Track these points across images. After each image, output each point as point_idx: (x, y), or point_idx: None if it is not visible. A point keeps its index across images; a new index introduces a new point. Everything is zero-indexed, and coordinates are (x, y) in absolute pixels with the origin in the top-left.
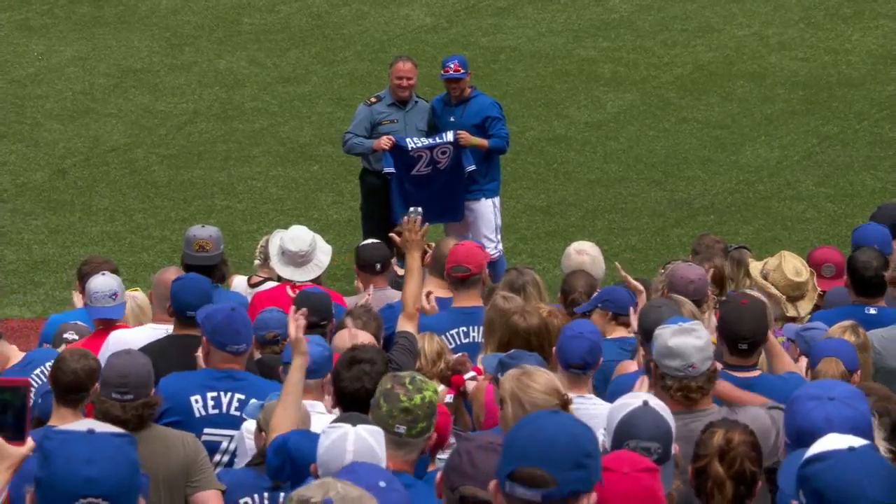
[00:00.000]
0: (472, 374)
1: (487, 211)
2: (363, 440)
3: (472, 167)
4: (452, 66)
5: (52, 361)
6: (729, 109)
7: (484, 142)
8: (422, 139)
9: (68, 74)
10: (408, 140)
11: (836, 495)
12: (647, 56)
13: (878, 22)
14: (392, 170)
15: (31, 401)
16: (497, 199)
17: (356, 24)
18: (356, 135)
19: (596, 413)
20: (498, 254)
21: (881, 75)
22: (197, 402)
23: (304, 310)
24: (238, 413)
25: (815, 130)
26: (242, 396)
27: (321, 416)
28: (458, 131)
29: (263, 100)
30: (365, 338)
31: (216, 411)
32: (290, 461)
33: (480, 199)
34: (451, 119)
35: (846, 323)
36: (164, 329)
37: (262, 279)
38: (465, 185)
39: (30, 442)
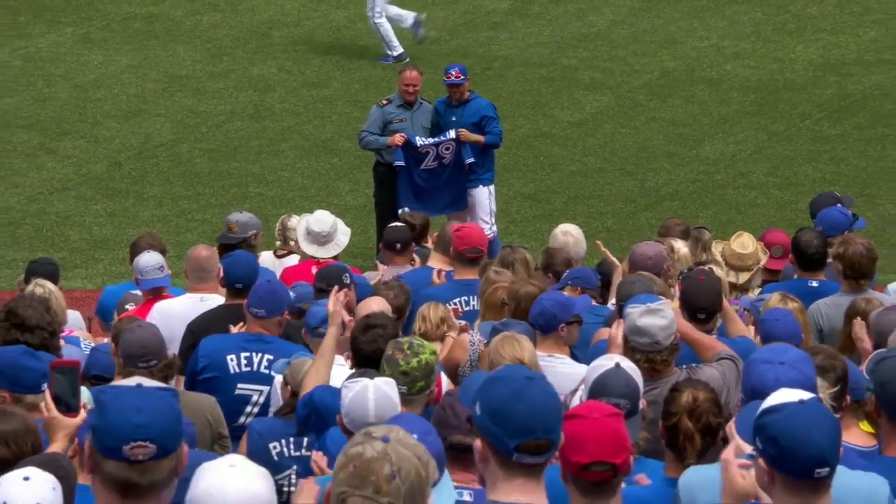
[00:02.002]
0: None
1: (483, 197)
2: (381, 390)
3: (471, 160)
4: (454, 73)
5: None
6: (690, 110)
7: (480, 138)
8: (428, 138)
9: (123, 80)
10: (417, 138)
11: (788, 440)
12: (621, 64)
13: (818, 35)
14: (402, 163)
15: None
16: (492, 187)
17: (370, 36)
18: (371, 133)
19: (562, 371)
20: (492, 234)
21: (821, 81)
22: (232, 360)
23: (346, 290)
24: (267, 371)
25: (765, 128)
26: (271, 357)
27: (340, 367)
28: (459, 129)
29: (290, 102)
30: (378, 305)
31: (248, 369)
32: (315, 413)
33: (478, 186)
34: (453, 118)
35: (777, 294)
36: (198, 297)
37: (286, 252)
38: (466, 177)
39: (82, 413)
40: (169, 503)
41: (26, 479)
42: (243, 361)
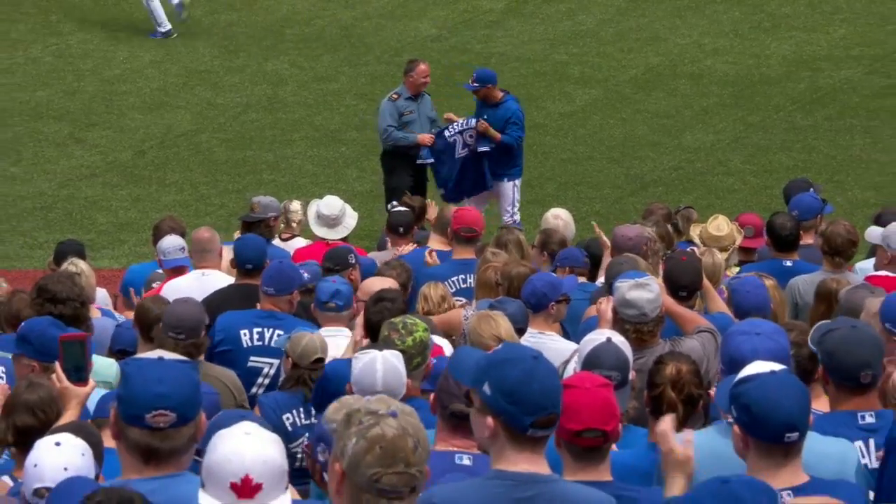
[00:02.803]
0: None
1: (508, 190)
2: (390, 362)
3: (486, 148)
4: (471, 79)
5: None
6: (673, 102)
7: (497, 134)
8: (452, 125)
9: (147, 75)
10: (445, 131)
11: (760, 408)
12: (608, 60)
13: (791, 33)
14: (428, 161)
15: (90, 351)
16: (518, 181)
17: (376, 34)
18: (395, 128)
19: (553, 347)
20: (513, 221)
21: (794, 76)
22: (245, 335)
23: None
24: (276, 345)
25: (742, 119)
26: (281, 332)
27: (346, 338)
28: (480, 119)
29: (301, 95)
30: (385, 283)
31: (260, 343)
32: (326, 382)
33: (504, 181)
34: (485, 117)
35: (754, 273)
36: (199, 272)
37: (290, 235)
38: (485, 161)
39: (91, 382)
40: (188, 467)
41: (58, 444)
42: (255, 336)
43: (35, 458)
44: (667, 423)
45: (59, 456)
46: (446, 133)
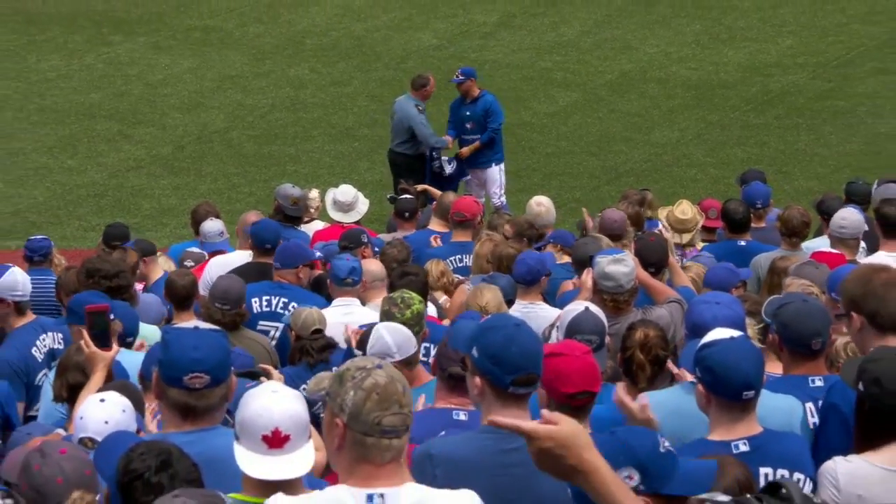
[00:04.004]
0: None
1: (495, 174)
2: (392, 326)
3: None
4: (456, 74)
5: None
6: (643, 103)
7: (476, 144)
8: (445, 164)
9: (185, 80)
10: (448, 163)
11: (722, 370)
12: (587, 66)
13: (745, 44)
14: (448, 167)
15: (112, 319)
16: (502, 165)
17: (384, 44)
18: (433, 134)
19: (542, 315)
20: (502, 203)
21: (748, 80)
22: (255, 302)
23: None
24: (282, 311)
25: (703, 118)
26: (286, 300)
27: (358, 308)
28: (458, 152)
29: (320, 97)
30: (377, 266)
31: (268, 309)
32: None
33: (491, 165)
34: (467, 113)
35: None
36: (247, 254)
37: (310, 219)
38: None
39: (115, 348)
40: (220, 422)
41: (102, 400)
42: (264, 303)
43: (81, 412)
44: (620, 390)
45: (101, 410)
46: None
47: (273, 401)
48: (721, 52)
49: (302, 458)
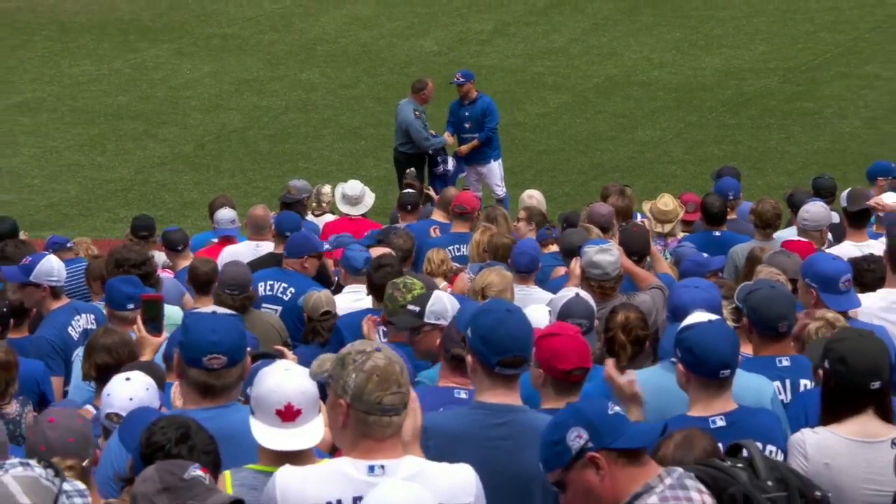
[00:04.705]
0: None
1: (495, 168)
2: (453, 299)
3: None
4: (456, 76)
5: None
6: (628, 105)
7: (474, 143)
8: (447, 163)
9: (205, 83)
10: (449, 159)
11: (701, 350)
12: (576, 71)
13: (721, 50)
14: (449, 167)
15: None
16: (500, 160)
17: (389, 50)
18: (429, 137)
19: (536, 297)
20: (504, 194)
21: (723, 84)
22: (262, 286)
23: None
24: (281, 296)
25: (682, 119)
26: (286, 285)
27: (366, 295)
28: (458, 149)
29: (329, 99)
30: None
31: (270, 293)
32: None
33: (490, 161)
34: (466, 114)
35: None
36: (254, 244)
37: (321, 212)
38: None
39: (164, 335)
40: (236, 399)
41: (128, 379)
42: (268, 288)
43: (108, 389)
44: (610, 367)
45: (127, 388)
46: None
47: (286, 378)
48: (699, 57)
49: (312, 431)
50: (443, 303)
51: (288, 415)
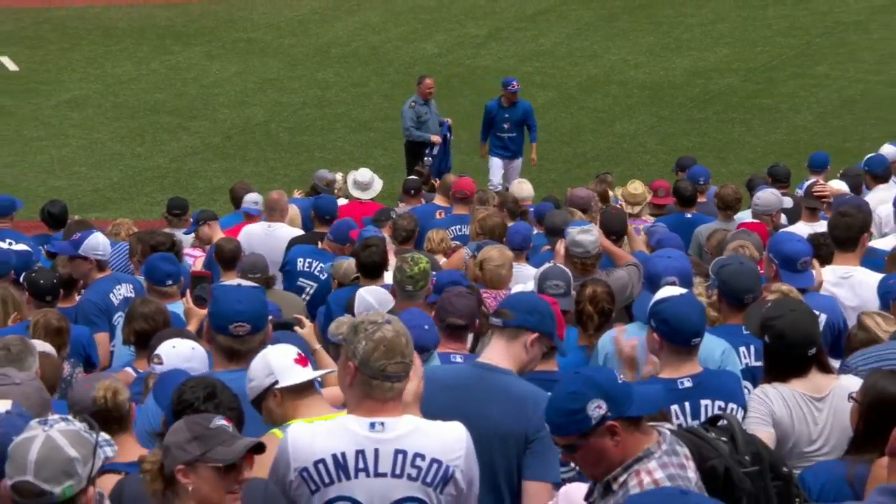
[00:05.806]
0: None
1: (519, 164)
2: (370, 288)
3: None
4: (515, 83)
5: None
6: (607, 101)
7: (534, 146)
8: (430, 156)
9: (232, 82)
10: (447, 136)
11: (675, 321)
12: (561, 71)
13: (690, 52)
14: (427, 160)
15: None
16: (522, 157)
17: (395, 52)
18: (414, 128)
19: (526, 273)
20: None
21: (692, 82)
22: (300, 262)
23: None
24: (319, 274)
25: (656, 113)
26: (323, 264)
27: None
28: (531, 158)
29: (342, 96)
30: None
31: (308, 269)
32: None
33: (519, 158)
34: (507, 115)
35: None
36: (266, 225)
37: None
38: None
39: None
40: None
41: (174, 347)
42: (306, 264)
43: (159, 350)
44: (618, 331)
45: (174, 350)
46: (448, 137)
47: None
48: (670, 59)
49: (318, 371)
50: (366, 301)
51: (301, 361)
